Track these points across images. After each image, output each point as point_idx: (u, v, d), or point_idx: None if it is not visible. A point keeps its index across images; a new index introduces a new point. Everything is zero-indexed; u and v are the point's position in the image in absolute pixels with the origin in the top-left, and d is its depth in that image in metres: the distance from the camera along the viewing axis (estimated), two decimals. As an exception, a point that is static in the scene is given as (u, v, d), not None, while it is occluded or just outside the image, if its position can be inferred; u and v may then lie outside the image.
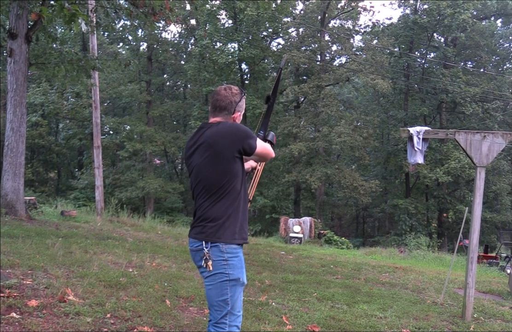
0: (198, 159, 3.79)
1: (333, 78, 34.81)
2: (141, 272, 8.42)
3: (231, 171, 3.69)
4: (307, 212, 37.02)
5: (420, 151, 8.12)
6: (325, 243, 23.42)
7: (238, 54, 35.96)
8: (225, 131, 3.70)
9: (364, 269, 12.87)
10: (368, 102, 42.65)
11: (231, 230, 3.71)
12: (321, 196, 36.65)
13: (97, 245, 10.81)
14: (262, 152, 3.90)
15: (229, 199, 3.71)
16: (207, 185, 3.73)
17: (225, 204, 3.71)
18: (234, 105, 3.90)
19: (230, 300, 3.70)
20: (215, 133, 3.71)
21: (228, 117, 3.88)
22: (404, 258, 19.16)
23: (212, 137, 3.70)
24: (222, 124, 3.77)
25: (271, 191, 36.39)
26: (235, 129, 3.72)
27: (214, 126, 3.77)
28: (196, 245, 3.73)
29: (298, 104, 38.51)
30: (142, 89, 40.25)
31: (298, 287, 9.08)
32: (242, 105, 3.98)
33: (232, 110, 3.89)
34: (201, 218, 3.75)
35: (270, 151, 4.02)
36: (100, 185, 20.57)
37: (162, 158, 45.84)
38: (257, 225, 33.70)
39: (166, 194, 37.79)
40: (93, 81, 19.95)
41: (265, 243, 18.93)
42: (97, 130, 20.85)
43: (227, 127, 3.72)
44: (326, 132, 32.55)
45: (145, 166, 39.36)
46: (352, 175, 33.59)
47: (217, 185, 3.69)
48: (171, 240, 14.62)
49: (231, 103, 3.89)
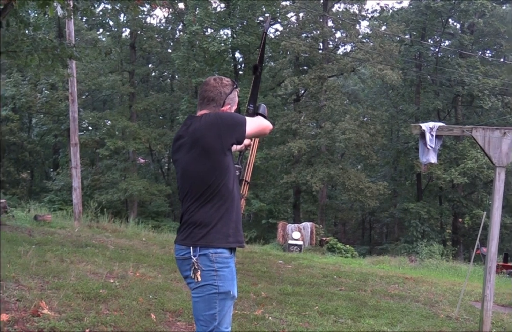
0: (184, 156, 3.79)
1: (337, 68, 34.82)
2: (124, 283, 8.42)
3: (221, 166, 3.66)
4: (308, 216, 37.01)
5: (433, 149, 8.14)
6: (327, 251, 23.44)
7: (231, 41, 35.93)
8: (211, 121, 3.68)
9: (371, 280, 12.90)
10: (376, 95, 42.70)
11: (223, 233, 3.68)
12: (323, 199, 36.66)
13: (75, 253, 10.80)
14: (256, 131, 3.92)
15: (220, 199, 3.68)
16: (194, 184, 3.72)
17: (216, 204, 3.69)
18: (224, 97, 3.90)
19: (218, 315, 3.68)
20: (201, 126, 3.71)
21: (217, 110, 3.87)
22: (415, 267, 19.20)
23: (198, 131, 3.70)
24: (207, 115, 3.77)
25: (268, 193, 36.38)
26: (222, 117, 3.71)
27: (201, 119, 3.77)
28: (183, 253, 3.71)
29: (298, 98, 38.51)
30: (124, 81, 40.20)
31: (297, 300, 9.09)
32: (233, 98, 3.97)
33: (221, 102, 3.89)
34: (188, 222, 3.73)
35: (265, 124, 4.03)
36: (78, 187, 20.53)
37: (146, 157, 45.78)
38: (252, 231, 33.69)
39: (151, 197, 37.75)
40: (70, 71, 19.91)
41: (261, 251, 18.94)
42: (75, 126, 20.82)
43: (212, 117, 3.71)
44: (329, 129, 32.56)
45: (128, 166, 39.31)
46: (358, 176, 33.61)
47: (205, 183, 3.67)
48: (157, 247, 14.62)
49: (220, 94, 3.89)
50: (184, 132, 3.82)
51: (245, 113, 4.16)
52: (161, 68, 46.78)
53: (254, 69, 4.39)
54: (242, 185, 4.17)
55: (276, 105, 37.23)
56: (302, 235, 23.79)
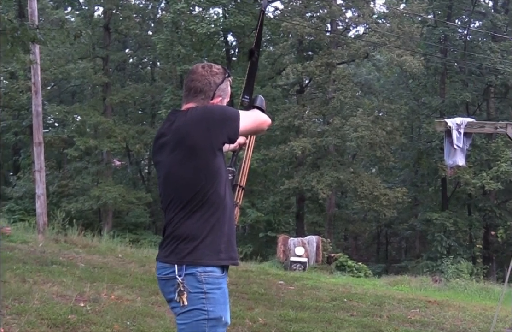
0: (167, 158, 3.80)
1: (348, 54, 34.82)
2: (96, 308, 8.41)
3: (210, 169, 3.71)
4: (313, 229, 37.00)
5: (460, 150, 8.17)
6: (336, 270, 23.44)
7: (222, 22, 35.93)
8: (198, 116, 3.73)
9: (388, 304, 12.90)
10: (394, 85, 42.68)
11: (213, 248, 3.71)
12: (332, 208, 36.67)
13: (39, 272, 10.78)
14: (252, 127, 3.96)
15: (209, 208, 3.72)
16: (179, 191, 3.73)
17: (205, 214, 3.70)
18: (214, 88, 3.91)
19: (208, 344, 3.69)
20: (186, 122, 3.73)
21: (205, 103, 3.88)
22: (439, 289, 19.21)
23: (183, 128, 3.72)
24: (194, 109, 3.80)
25: (266, 201, 36.34)
26: (211, 111, 3.74)
27: (186, 113, 3.80)
28: (166, 272, 3.72)
29: (301, 88, 38.52)
30: (97, 68, 40.12)
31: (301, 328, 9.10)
32: (225, 89, 4.00)
33: (211, 93, 3.90)
34: (172, 236, 3.73)
35: (263, 119, 4.05)
36: (42, 194, 20.50)
37: (123, 159, 45.67)
38: (248, 246, 33.65)
39: (128, 206, 37.69)
40: (33, 57, 19.89)
41: (259, 270, 18.93)
42: (38, 122, 20.79)
43: (200, 112, 3.77)
44: (338, 125, 32.56)
45: (101, 169, 39.23)
46: (372, 181, 33.61)
47: (192, 190, 3.69)
48: (135, 265, 14.61)
49: (209, 85, 3.90)
50: (167, 130, 3.83)
51: (239, 107, 4.16)
52: (140, 53, 46.62)
53: (250, 55, 4.40)
54: (236, 191, 4.17)
55: (275, 97, 37.21)
56: (306, 250, 23.78)
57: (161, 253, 3.79)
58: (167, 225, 3.79)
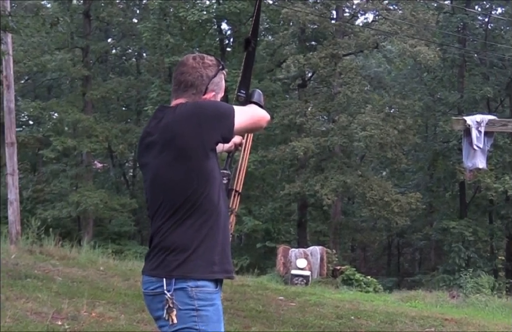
0: (154, 160, 3.79)
1: (355, 44, 34.86)
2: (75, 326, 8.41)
3: (202, 172, 3.70)
4: (317, 239, 37.04)
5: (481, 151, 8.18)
6: (342, 284, 23.44)
7: (216, 9, 35.93)
8: (188, 113, 3.73)
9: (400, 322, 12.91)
10: (406, 79, 42.71)
11: (206, 260, 3.69)
12: (337, 215, 36.69)
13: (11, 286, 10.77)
14: (248, 123, 3.96)
15: (201, 215, 3.70)
16: (167, 196, 3.71)
17: (196, 222, 3.68)
18: (206, 81, 3.89)
19: (200, 367, 3.68)
20: (175, 120, 3.72)
21: (197, 98, 3.87)
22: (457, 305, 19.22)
23: (172, 126, 3.71)
24: (183, 105, 3.79)
25: (265, 208, 36.31)
26: (202, 107, 3.75)
27: (174, 110, 3.80)
28: (154, 287, 3.70)
29: (303, 82, 38.53)
30: (76, 60, 40.10)
31: (303, 348, 9.10)
32: (218, 82, 3.97)
33: (203, 88, 3.88)
34: (160, 246, 3.71)
35: (261, 115, 4.05)
36: (15, 200, 20.49)
37: (105, 161, 45.64)
38: (245, 257, 33.65)
39: (111, 213, 37.66)
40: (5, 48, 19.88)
41: (256, 284, 18.93)
42: (11, 119, 20.78)
43: (190, 108, 3.75)
44: (345, 123, 32.59)
45: (81, 172, 39.21)
46: (383, 185, 33.65)
47: (182, 195, 3.67)
48: (119, 279, 14.60)
49: (201, 78, 3.88)
50: (154, 129, 3.82)
51: (235, 102, 4.16)
52: (124, 43, 46.64)
53: (246, 44, 4.43)
54: (231, 196, 4.17)
55: (275, 92, 37.22)
56: (309, 263, 23.78)
57: (148, 266, 3.78)
58: (154, 234, 3.77)
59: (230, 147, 4.27)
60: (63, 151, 37.75)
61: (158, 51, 37.98)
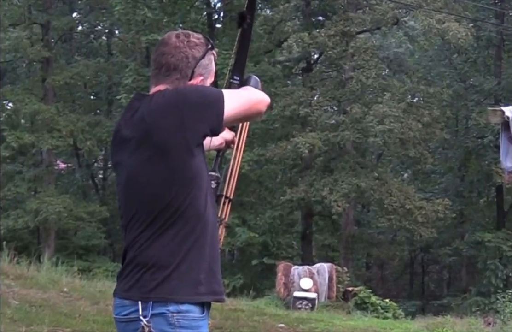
0: (128, 159, 3.77)
1: (371, 19, 35.03)
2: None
3: (185, 174, 3.67)
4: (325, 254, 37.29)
5: (523, 148, 8.26)
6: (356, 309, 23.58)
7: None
8: (167, 103, 3.69)
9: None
10: (433, 62, 42.89)
11: (190, 279, 3.65)
12: (349, 226, 36.86)
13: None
14: (242, 109, 3.90)
15: (184, 226, 3.65)
16: (144, 202, 3.68)
17: (178, 234, 3.64)
18: (193, 64, 3.85)
19: None
20: (151, 111, 3.68)
21: (181, 84, 3.82)
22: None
23: (148, 119, 3.67)
24: (161, 93, 3.75)
25: (262, 217, 36.41)
26: (184, 94, 3.73)
27: (151, 99, 3.76)
28: (127, 311, 3.68)
29: (308, 66, 38.64)
30: (34, 39, 40.18)
31: None
32: (207, 65, 3.94)
33: (189, 71, 3.84)
34: (135, 263, 3.67)
35: (258, 97, 3.99)
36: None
37: (70, 161, 45.75)
38: (237, 277, 33.80)
39: (77, 223, 37.81)
40: None
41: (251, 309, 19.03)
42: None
43: (169, 96, 3.72)
44: (358, 115, 32.74)
45: (41, 174, 39.34)
46: (404, 190, 33.84)
47: (161, 201, 3.63)
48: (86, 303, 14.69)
49: (186, 60, 3.84)
50: (128, 122, 3.80)
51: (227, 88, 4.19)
52: (92, 19, 46.57)
53: (241, 20, 4.38)
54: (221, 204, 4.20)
55: (274, 78, 37.35)
56: (315, 283, 23.89)
57: (120, 286, 3.73)
58: (129, 248, 3.72)
59: (220, 144, 4.27)
60: (19, 148, 37.99)
61: (133, 28, 38.05)
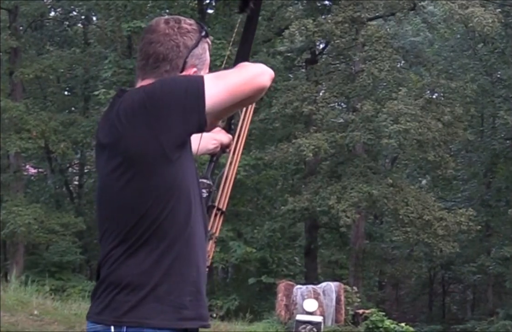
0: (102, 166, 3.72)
1: (384, 4, 35.05)
2: None
3: (160, 184, 3.57)
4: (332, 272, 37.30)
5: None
6: (368, 334, 23.60)
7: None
8: (134, 102, 3.60)
9: None
10: (455, 53, 42.94)
11: (171, 302, 3.56)
12: (360, 240, 36.85)
13: None
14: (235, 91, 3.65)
15: (160, 242, 3.57)
16: (115, 215, 3.63)
17: (156, 250, 3.56)
18: (184, 53, 3.80)
19: None
20: (119, 114, 3.61)
21: (172, 75, 3.76)
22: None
23: (118, 123, 3.60)
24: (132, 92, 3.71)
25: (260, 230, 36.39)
26: (152, 91, 3.59)
27: (124, 97, 3.69)
28: (99, 337, 3.61)
29: (313, 57, 38.66)
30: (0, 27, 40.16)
31: None
32: (201, 55, 3.89)
33: (180, 62, 3.78)
34: (108, 282, 3.60)
35: (258, 70, 3.79)
36: None
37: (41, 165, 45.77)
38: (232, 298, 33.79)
39: (49, 236, 37.85)
40: None
41: (248, 335, 19.02)
42: None
43: (136, 94, 3.64)
44: (370, 113, 32.71)
45: (7, 180, 39.37)
46: (422, 198, 33.82)
47: (134, 215, 3.56)
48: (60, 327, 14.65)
49: (177, 49, 3.78)
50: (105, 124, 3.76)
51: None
52: (66, 4, 46.72)
53: (243, 5, 4.32)
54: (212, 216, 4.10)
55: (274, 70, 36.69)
56: (321, 304, 23.91)
57: (93, 308, 3.66)
58: (102, 264, 3.66)
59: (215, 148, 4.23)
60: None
61: (113, 14, 38.13)
